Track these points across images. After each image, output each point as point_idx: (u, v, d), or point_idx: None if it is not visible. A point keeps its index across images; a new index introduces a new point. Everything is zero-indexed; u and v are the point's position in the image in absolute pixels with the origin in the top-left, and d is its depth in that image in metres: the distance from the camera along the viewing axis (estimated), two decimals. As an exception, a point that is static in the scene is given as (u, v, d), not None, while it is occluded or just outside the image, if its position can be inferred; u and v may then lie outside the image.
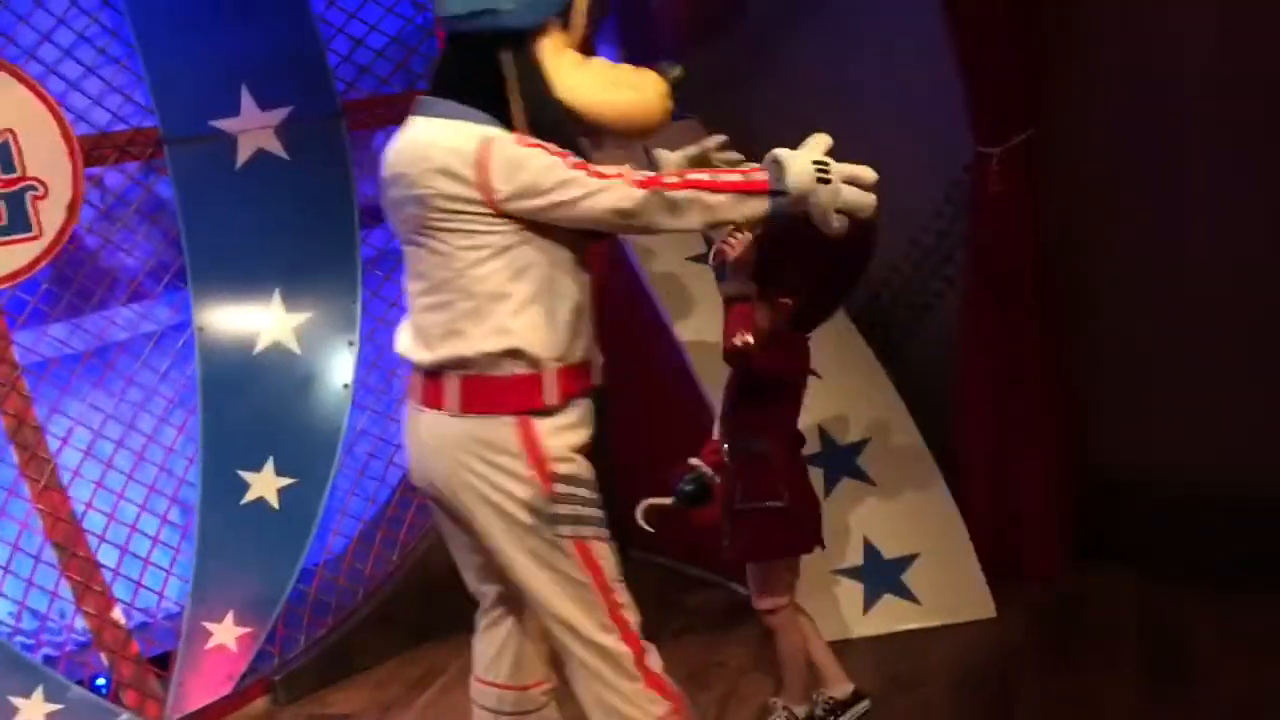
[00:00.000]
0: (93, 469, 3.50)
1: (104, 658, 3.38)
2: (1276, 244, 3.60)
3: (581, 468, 2.34)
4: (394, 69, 4.00)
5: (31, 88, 3.36)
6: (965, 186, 3.94)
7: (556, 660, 2.49)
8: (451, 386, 2.30)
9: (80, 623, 3.42)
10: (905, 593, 3.63)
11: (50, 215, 3.38)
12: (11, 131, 3.31)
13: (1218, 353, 3.70)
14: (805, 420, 3.65)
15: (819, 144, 2.37)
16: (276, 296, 3.71)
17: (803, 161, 2.29)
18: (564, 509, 2.30)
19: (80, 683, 3.27)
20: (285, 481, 3.64)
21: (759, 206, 2.27)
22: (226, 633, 3.49)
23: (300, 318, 3.73)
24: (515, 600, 2.48)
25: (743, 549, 3.02)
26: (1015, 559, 3.86)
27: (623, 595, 2.38)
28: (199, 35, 3.56)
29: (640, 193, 2.20)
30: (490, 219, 2.21)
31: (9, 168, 3.31)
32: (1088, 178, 3.80)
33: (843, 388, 3.80)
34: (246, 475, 3.59)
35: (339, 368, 3.78)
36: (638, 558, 4.36)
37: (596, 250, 2.44)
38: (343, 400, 3.77)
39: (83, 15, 3.52)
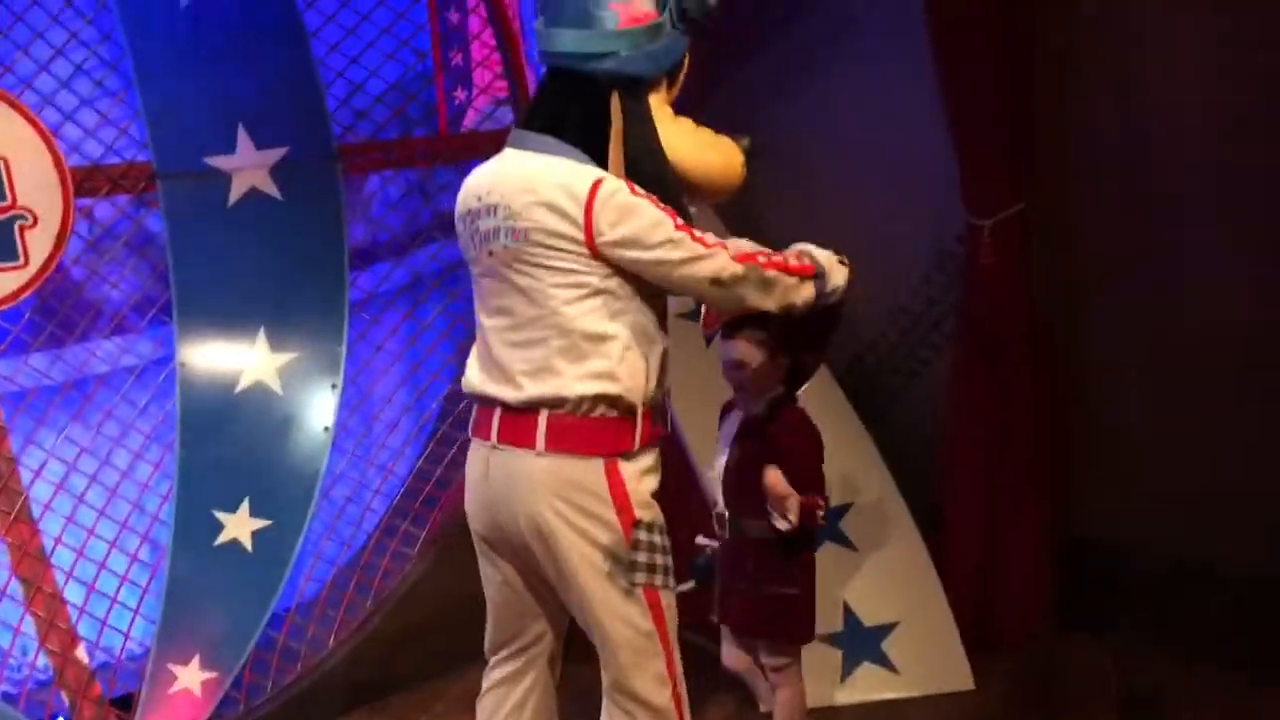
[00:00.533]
0: (64, 503, 3.45)
1: (65, 697, 3.30)
2: (1262, 317, 3.64)
3: (658, 515, 2.32)
4: (391, 115, 4.01)
5: (27, 117, 3.36)
6: (956, 256, 3.97)
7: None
8: (539, 424, 2.24)
9: (42, 660, 3.35)
10: (884, 661, 3.59)
11: (38, 245, 3.36)
12: (4, 159, 3.31)
13: (1199, 426, 3.73)
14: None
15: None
16: (261, 335, 3.68)
17: (824, 251, 2.45)
18: (642, 557, 2.27)
19: (39, 722, 3.19)
20: (260, 523, 3.58)
21: (811, 290, 2.37)
22: (191, 676, 3.41)
23: (284, 358, 3.70)
24: (543, 653, 2.45)
25: (745, 625, 2.99)
26: (996, 627, 3.84)
27: (677, 650, 2.35)
28: (199, 72, 3.56)
29: (739, 266, 2.23)
30: (587, 259, 2.19)
31: (-1, 195, 3.30)
32: (1078, 251, 3.84)
33: (828, 452, 3.79)
34: (221, 515, 3.54)
35: (320, 410, 3.74)
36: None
37: None
38: (323, 443, 3.72)
39: (82, 48, 3.52)
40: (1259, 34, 3.49)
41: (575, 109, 2.24)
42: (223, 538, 3.54)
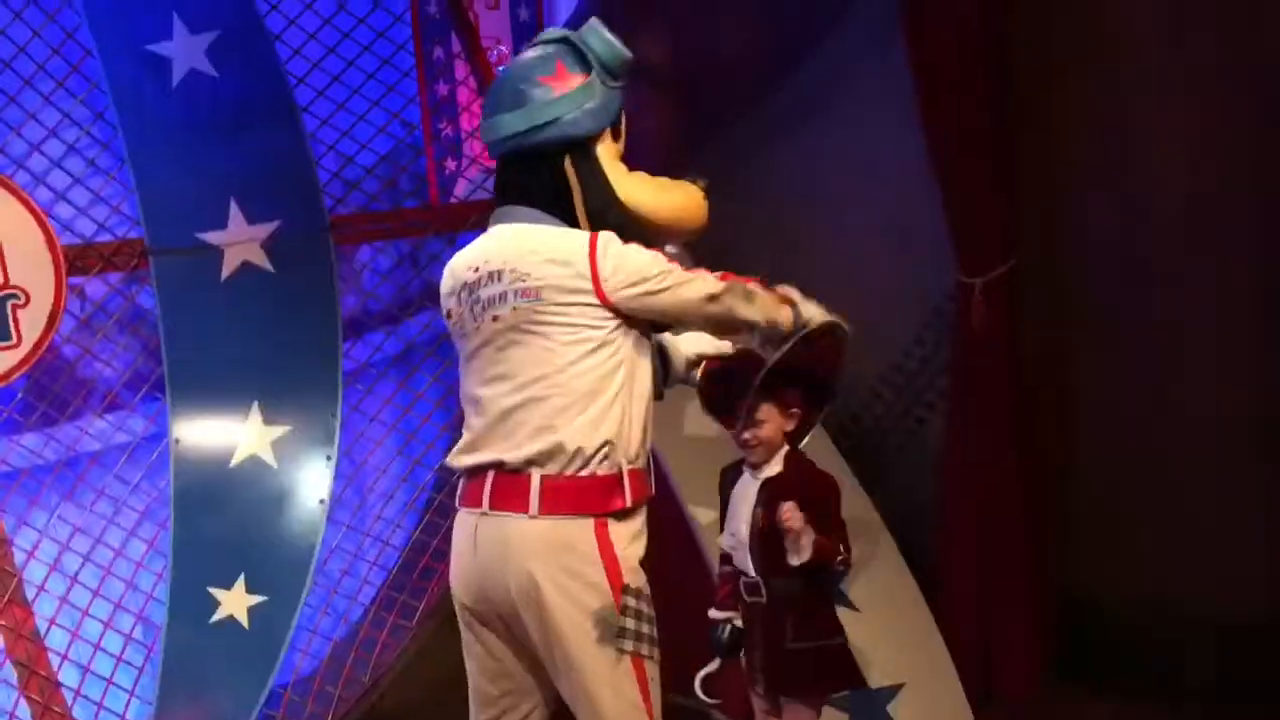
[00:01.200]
0: (58, 583, 3.41)
1: (59, 783, 3.25)
2: (1251, 374, 3.64)
3: (645, 583, 2.30)
4: (383, 186, 4.03)
5: (19, 197, 3.38)
6: (947, 314, 3.98)
7: None
8: (532, 486, 2.25)
9: (36, 745, 3.29)
10: (891, 724, 3.54)
11: (30, 324, 3.37)
12: (-4, 240, 3.31)
13: (1191, 479, 3.71)
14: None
15: None
16: (255, 409, 3.67)
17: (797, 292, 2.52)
18: (630, 623, 2.25)
19: (32, 810, 3.13)
20: (256, 599, 3.55)
21: (788, 314, 2.48)
22: (187, 758, 3.37)
23: (278, 430, 3.68)
24: None
25: (799, 687, 2.94)
26: (996, 686, 3.80)
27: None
28: (191, 149, 3.60)
29: (723, 283, 2.34)
30: (595, 310, 2.25)
31: (-8, 276, 3.30)
32: (1067, 307, 3.85)
33: (826, 512, 3.78)
34: (217, 592, 3.50)
35: (315, 483, 3.72)
36: (674, 701, 4.27)
37: None
38: (318, 516, 3.70)
39: (75, 128, 3.55)
40: (1246, 102, 3.53)
41: (535, 183, 2.33)
42: (219, 615, 3.50)
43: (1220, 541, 3.67)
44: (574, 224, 2.31)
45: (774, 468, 2.86)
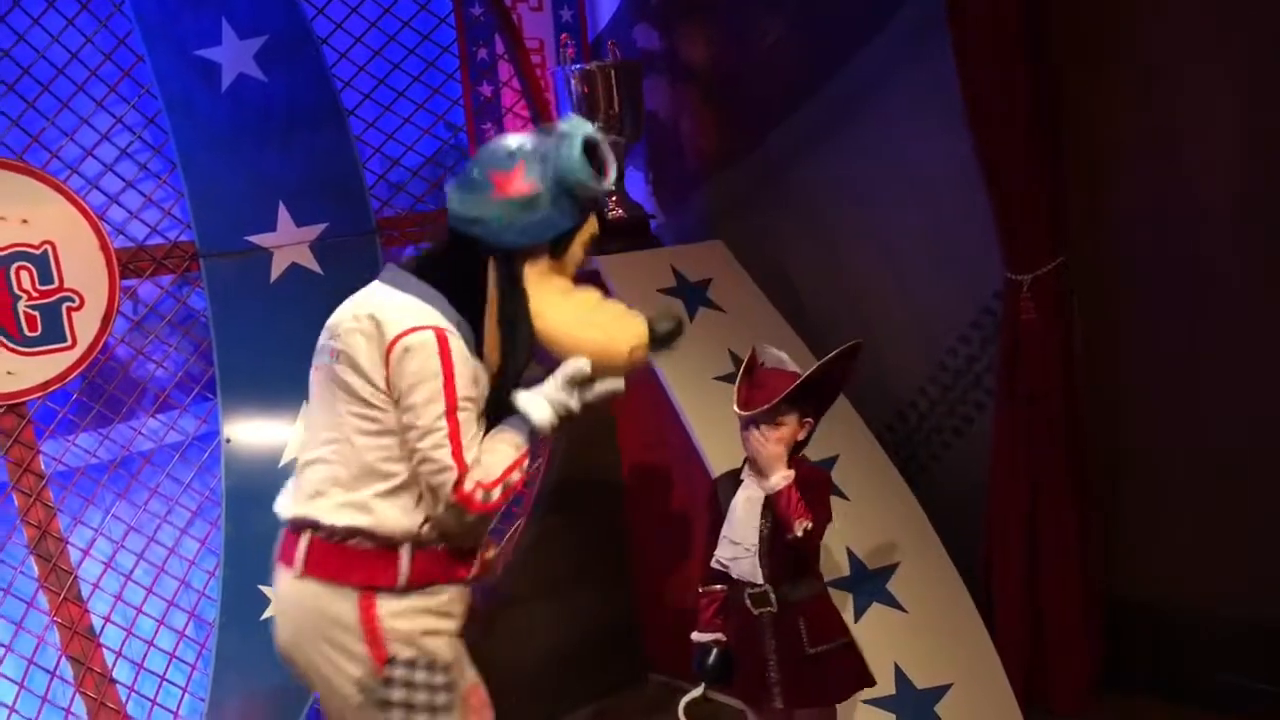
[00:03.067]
0: (112, 581, 3.46)
1: (114, 778, 3.29)
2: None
3: (428, 652, 2.28)
4: (429, 188, 4.07)
5: (73, 201, 3.43)
6: (994, 312, 3.95)
7: None
8: (302, 545, 2.30)
9: (91, 741, 3.34)
10: (939, 726, 3.52)
11: (85, 326, 3.42)
12: (51, 243, 3.37)
13: (1246, 481, 3.65)
14: (834, 544, 3.61)
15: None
16: (305, 409, 3.69)
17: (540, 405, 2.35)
18: (397, 694, 2.24)
19: (89, 804, 3.18)
20: (306, 598, 3.57)
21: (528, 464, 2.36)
22: (239, 755, 3.40)
23: (328, 432, 3.71)
24: None
25: (819, 693, 2.95)
26: (1045, 687, 3.77)
27: None
28: (240, 153, 3.64)
29: (454, 498, 2.21)
30: (385, 399, 2.24)
31: (47, 279, 3.35)
32: (1117, 304, 3.80)
33: (872, 512, 3.76)
34: (268, 590, 3.53)
35: (363, 483, 3.74)
36: (659, 681, 4.29)
37: None
38: (366, 516, 3.72)
39: (127, 132, 3.60)
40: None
41: (455, 261, 2.32)
42: (270, 612, 3.52)
43: (1274, 545, 3.62)
44: (477, 320, 2.28)
45: (806, 524, 2.86)
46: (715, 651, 2.95)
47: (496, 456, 2.28)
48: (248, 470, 3.61)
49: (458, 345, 2.24)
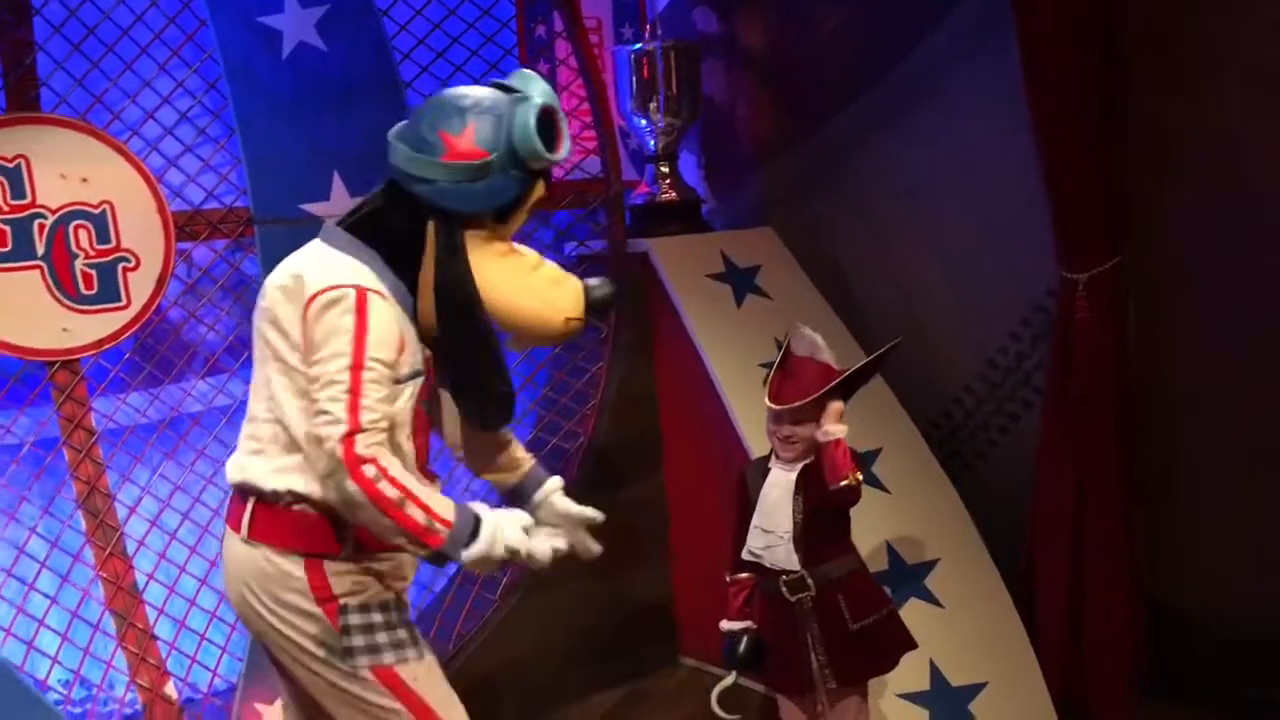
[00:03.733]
0: (157, 540, 3.51)
1: (152, 733, 3.35)
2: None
3: (376, 594, 2.25)
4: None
5: (133, 162, 3.46)
6: (1047, 311, 3.90)
7: None
8: (247, 510, 2.25)
9: (131, 695, 3.39)
10: (972, 724, 3.50)
11: (139, 287, 3.46)
12: (110, 203, 3.41)
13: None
14: (873, 538, 3.59)
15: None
16: (351, 379, 3.72)
17: (504, 531, 2.23)
18: (358, 640, 2.21)
19: (126, 757, 3.23)
20: (345, 565, 3.60)
21: (419, 552, 2.19)
22: (275, 715, 3.42)
23: (373, 400, 3.73)
24: None
25: (870, 666, 2.96)
26: (1083, 693, 3.72)
27: (452, 711, 2.29)
28: (298, 122, 3.65)
29: (338, 455, 2.07)
30: (303, 357, 2.17)
31: (105, 238, 3.39)
32: (1173, 304, 3.74)
33: (913, 507, 3.74)
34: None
35: (405, 453, 3.76)
36: (690, 666, 4.30)
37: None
38: (406, 485, 3.74)
39: (188, 96, 3.62)
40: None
41: (395, 221, 2.25)
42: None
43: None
44: (413, 280, 2.20)
45: (809, 457, 2.86)
46: (746, 639, 2.95)
47: (421, 485, 2.17)
48: (293, 436, 3.63)
49: (380, 306, 2.15)
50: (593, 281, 2.35)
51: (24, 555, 3.30)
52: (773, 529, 2.90)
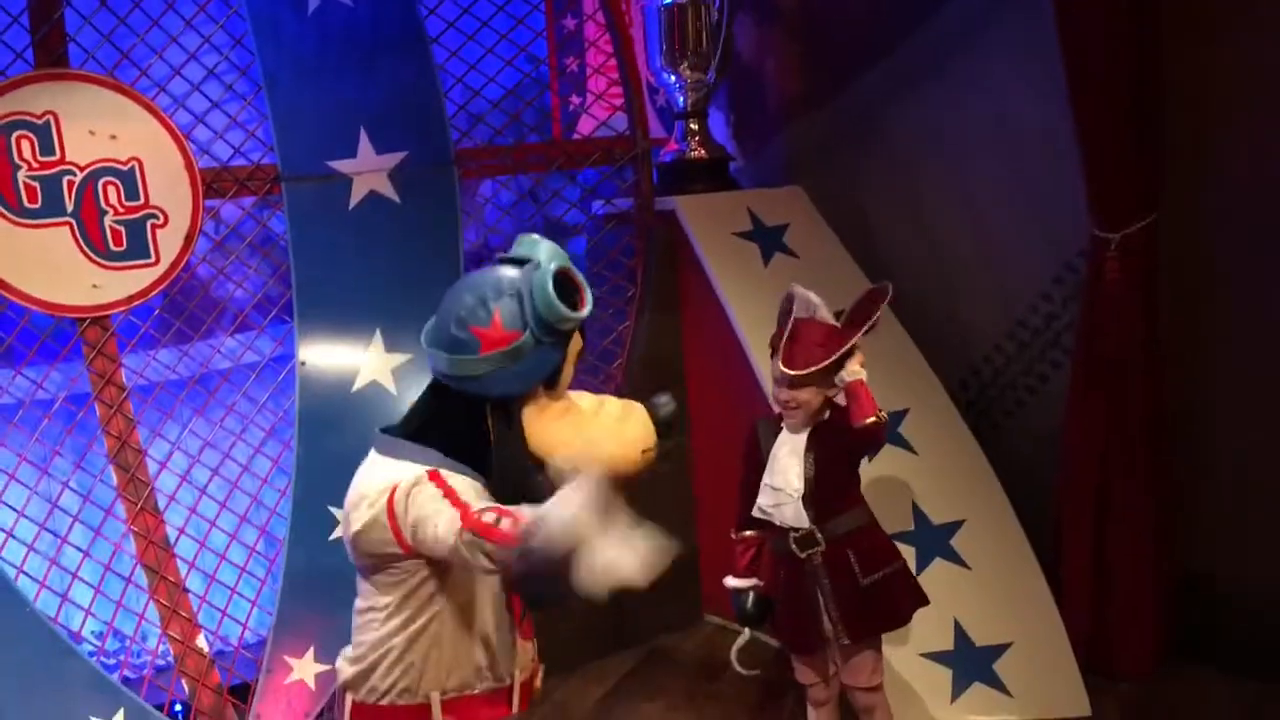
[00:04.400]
0: (187, 495, 3.55)
1: (185, 684, 3.39)
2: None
3: None
4: (508, 121, 4.05)
5: (160, 119, 3.47)
6: (1078, 270, 3.85)
7: None
8: (346, 707, 2.33)
9: (163, 647, 3.44)
10: (996, 682, 3.50)
11: (168, 243, 3.47)
12: (138, 160, 3.42)
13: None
14: (900, 498, 3.58)
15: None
16: (378, 336, 3.74)
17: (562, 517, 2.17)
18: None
19: (159, 707, 3.28)
20: (373, 521, 3.63)
21: (504, 557, 2.14)
22: (306, 668, 3.48)
23: (399, 359, 3.75)
24: None
25: (881, 620, 2.96)
26: (1108, 654, 3.72)
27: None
28: (324, 78, 3.64)
29: (466, 536, 2.10)
30: (402, 560, 2.22)
31: (133, 195, 3.40)
32: (1206, 268, 3.69)
33: (940, 467, 3.73)
34: (337, 512, 3.59)
35: (433, 411, 3.78)
36: (715, 624, 4.32)
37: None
38: (434, 444, 3.76)
39: (214, 52, 3.62)
40: None
41: (453, 419, 2.26)
42: (338, 533, 3.56)
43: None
44: (487, 467, 2.24)
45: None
46: (752, 596, 2.96)
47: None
48: (320, 394, 3.66)
49: (455, 477, 2.21)
50: (657, 400, 2.39)
51: (57, 509, 3.34)
52: (782, 486, 2.91)
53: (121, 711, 3.20)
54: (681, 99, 4.50)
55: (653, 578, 2.16)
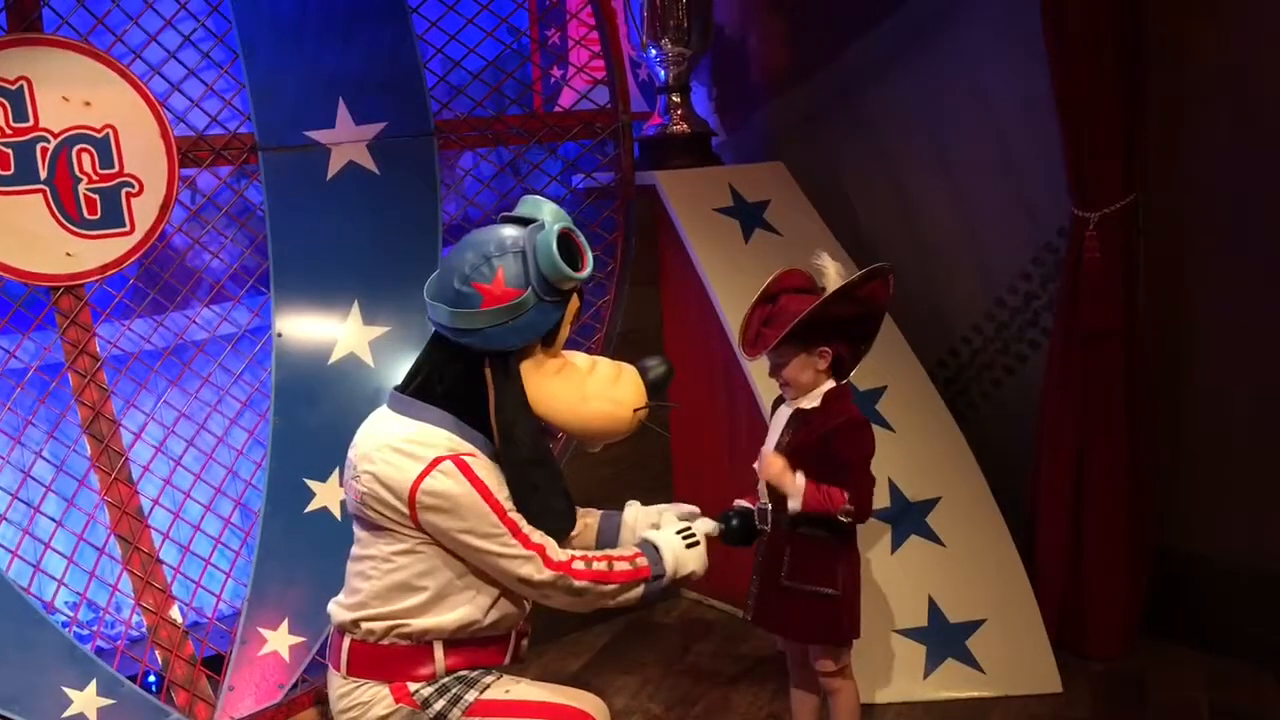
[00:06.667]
0: (162, 466, 3.53)
1: (158, 655, 3.38)
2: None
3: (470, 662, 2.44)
4: (489, 92, 4.02)
5: (136, 87, 3.43)
6: (1057, 250, 3.86)
7: None
8: (344, 648, 2.44)
9: (136, 618, 3.43)
10: (969, 659, 3.53)
11: (143, 212, 3.44)
12: (113, 127, 3.38)
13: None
14: (877, 475, 3.59)
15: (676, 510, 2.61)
16: (355, 308, 3.72)
17: (672, 540, 2.50)
18: (440, 704, 2.41)
19: (132, 678, 3.27)
20: (349, 493, 3.62)
21: (637, 593, 2.46)
22: (280, 640, 3.48)
23: (377, 331, 3.73)
24: None
25: (777, 625, 2.95)
26: (1081, 631, 3.75)
27: (561, 694, 2.46)
28: (302, 47, 3.61)
29: (549, 573, 2.34)
30: (411, 527, 2.33)
31: (108, 163, 3.37)
32: (1185, 248, 3.70)
33: (917, 444, 3.74)
34: (312, 484, 3.59)
35: (411, 384, 3.76)
36: (692, 599, 4.33)
37: None
38: (412, 417, 3.74)
39: (191, 19, 3.57)
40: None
41: (454, 375, 2.37)
42: (313, 505, 3.59)
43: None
44: (484, 423, 2.35)
45: (811, 401, 2.84)
46: (736, 514, 2.83)
47: (595, 552, 2.46)
48: (296, 366, 3.64)
49: (478, 464, 2.32)
50: (647, 363, 2.50)
51: (30, 479, 3.32)
52: (764, 454, 2.91)
53: (94, 682, 3.18)
54: (663, 73, 4.48)
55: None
